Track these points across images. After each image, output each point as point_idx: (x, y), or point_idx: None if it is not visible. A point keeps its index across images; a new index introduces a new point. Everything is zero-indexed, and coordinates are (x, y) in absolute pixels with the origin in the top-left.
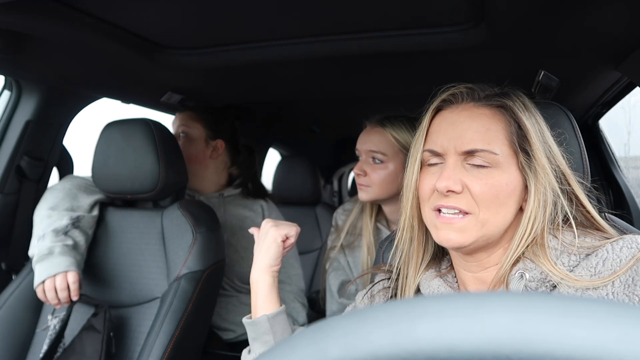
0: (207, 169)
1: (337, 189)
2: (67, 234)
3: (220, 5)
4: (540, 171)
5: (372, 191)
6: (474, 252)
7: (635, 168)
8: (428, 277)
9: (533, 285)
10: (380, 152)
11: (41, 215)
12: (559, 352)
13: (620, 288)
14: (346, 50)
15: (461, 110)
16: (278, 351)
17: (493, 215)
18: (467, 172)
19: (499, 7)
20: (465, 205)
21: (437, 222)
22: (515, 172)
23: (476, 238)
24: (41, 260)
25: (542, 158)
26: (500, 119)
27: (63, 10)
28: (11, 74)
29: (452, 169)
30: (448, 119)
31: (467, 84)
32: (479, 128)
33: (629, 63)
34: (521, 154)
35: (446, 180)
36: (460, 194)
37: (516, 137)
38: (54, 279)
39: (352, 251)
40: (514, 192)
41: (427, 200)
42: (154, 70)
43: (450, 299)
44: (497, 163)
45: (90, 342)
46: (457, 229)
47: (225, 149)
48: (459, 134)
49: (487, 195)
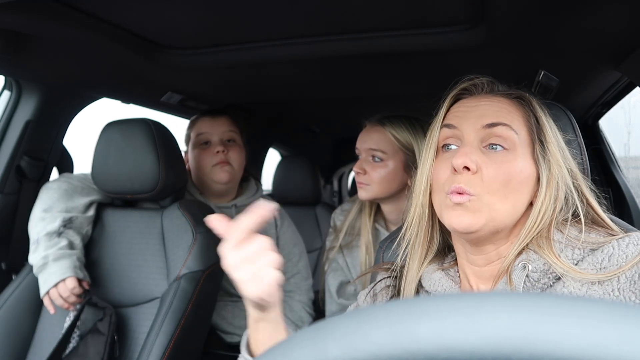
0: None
1: (337, 189)
2: (60, 235)
3: (220, 6)
4: (554, 164)
5: (371, 189)
6: (482, 242)
7: (635, 168)
8: (430, 271)
9: (535, 276)
10: (380, 150)
11: (35, 217)
12: (559, 352)
13: (626, 284)
14: (346, 51)
15: (481, 98)
16: (278, 351)
17: (500, 200)
18: (484, 155)
19: (499, 7)
20: (472, 186)
21: (449, 203)
22: (529, 161)
23: (485, 222)
24: (40, 271)
25: (556, 152)
26: (519, 109)
27: (63, 10)
28: (11, 74)
29: (469, 147)
30: (467, 104)
31: (488, 77)
32: (501, 109)
33: (629, 63)
34: (538, 143)
35: (463, 157)
36: (475, 174)
37: (535, 128)
38: (57, 289)
39: (351, 251)
40: (526, 181)
41: (443, 185)
42: (154, 70)
43: (450, 299)
44: (514, 145)
45: (94, 344)
46: (467, 209)
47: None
48: (481, 113)
49: (498, 179)
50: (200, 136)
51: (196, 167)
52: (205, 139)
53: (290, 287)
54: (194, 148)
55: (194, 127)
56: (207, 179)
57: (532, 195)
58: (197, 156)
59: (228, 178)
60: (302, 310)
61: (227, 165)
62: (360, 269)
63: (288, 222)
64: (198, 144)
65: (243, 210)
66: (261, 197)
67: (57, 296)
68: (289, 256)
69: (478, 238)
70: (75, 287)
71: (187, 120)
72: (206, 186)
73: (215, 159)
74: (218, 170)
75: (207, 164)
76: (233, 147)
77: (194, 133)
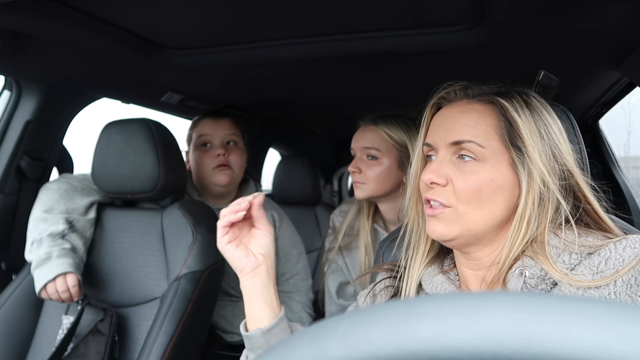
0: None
1: (337, 189)
2: (64, 238)
3: (220, 6)
4: (534, 169)
5: (367, 188)
6: (468, 248)
7: (635, 168)
8: (431, 273)
9: (532, 282)
10: (374, 148)
11: (36, 217)
12: (559, 352)
13: (623, 288)
14: (346, 50)
15: (454, 107)
16: (278, 351)
17: (474, 210)
18: (454, 166)
19: (499, 7)
20: (445, 198)
21: (426, 214)
22: (505, 169)
23: (459, 232)
24: (40, 265)
25: (535, 156)
26: (491, 114)
27: (63, 10)
28: (11, 74)
29: (439, 162)
30: (442, 115)
31: (463, 82)
32: (468, 121)
33: (629, 63)
34: (513, 150)
35: (431, 173)
36: (445, 187)
37: (507, 133)
38: (54, 283)
39: (350, 252)
40: (501, 188)
41: (423, 194)
42: (154, 70)
43: (450, 299)
44: (484, 157)
45: (95, 344)
46: (439, 219)
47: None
48: (449, 127)
49: (468, 189)
50: (202, 137)
51: (196, 169)
52: (207, 140)
53: (290, 288)
54: (195, 149)
55: (196, 128)
56: (207, 181)
57: (514, 199)
58: (197, 158)
59: (227, 181)
60: (302, 310)
61: (227, 169)
62: (360, 270)
63: (287, 222)
64: (199, 145)
65: None
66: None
67: (53, 290)
68: (288, 257)
69: (459, 245)
70: (75, 285)
71: (187, 120)
72: (205, 188)
73: (216, 162)
74: (218, 172)
75: (208, 166)
76: (234, 150)
77: (196, 134)
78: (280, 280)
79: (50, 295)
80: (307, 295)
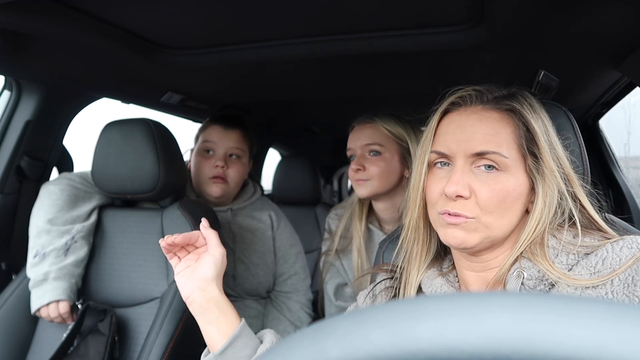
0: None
1: (337, 189)
2: (67, 253)
3: (220, 6)
4: (548, 174)
5: (371, 185)
6: (479, 252)
7: (635, 168)
8: (430, 276)
9: (531, 283)
10: (376, 143)
11: (39, 227)
12: (559, 352)
13: (620, 287)
14: (346, 50)
15: (470, 114)
16: (278, 351)
17: (497, 219)
18: (475, 176)
19: (499, 7)
20: (469, 211)
21: (444, 223)
22: (522, 176)
23: (481, 239)
24: (36, 286)
25: (549, 161)
26: (509, 122)
27: (63, 10)
28: (11, 74)
29: (460, 172)
30: (456, 121)
31: (475, 87)
32: (489, 131)
33: (629, 63)
34: (529, 157)
35: (455, 185)
36: (468, 199)
37: (524, 141)
38: (48, 308)
39: (346, 255)
40: (521, 196)
41: (435, 203)
42: (154, 70)
43: (450, 299)
44: (505, 166)
45: (95, 344)
46: (463, 229)
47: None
48: (468, 137)
49: (493, 200)
50: (206, 144)
51: (195, 173)
52: (210, 148)
53: (288, 288)
54: (198, 153)
55: (204, 131)
56: (201, 187)
57: (527, 203)
58: (197, 163)
59: (220, 194)
60: (301, 310)
61: (222, 182)
62: (355, 273)
63: (284, 222)
64: (202, 151)
65: (239, 213)
66: (259, 198)
67: (46, 315)
68: (286, 257)
69: (474, 251)
70: (66, 312)
71: (187, 120)
72: (200, 192)
73: (213, 172)
74: (212, 184)
75: (205, 174)
76: (235, 164)
77: (202, 138)
78: (278, 281)
79: (44, 318)
80: (306, 295)
